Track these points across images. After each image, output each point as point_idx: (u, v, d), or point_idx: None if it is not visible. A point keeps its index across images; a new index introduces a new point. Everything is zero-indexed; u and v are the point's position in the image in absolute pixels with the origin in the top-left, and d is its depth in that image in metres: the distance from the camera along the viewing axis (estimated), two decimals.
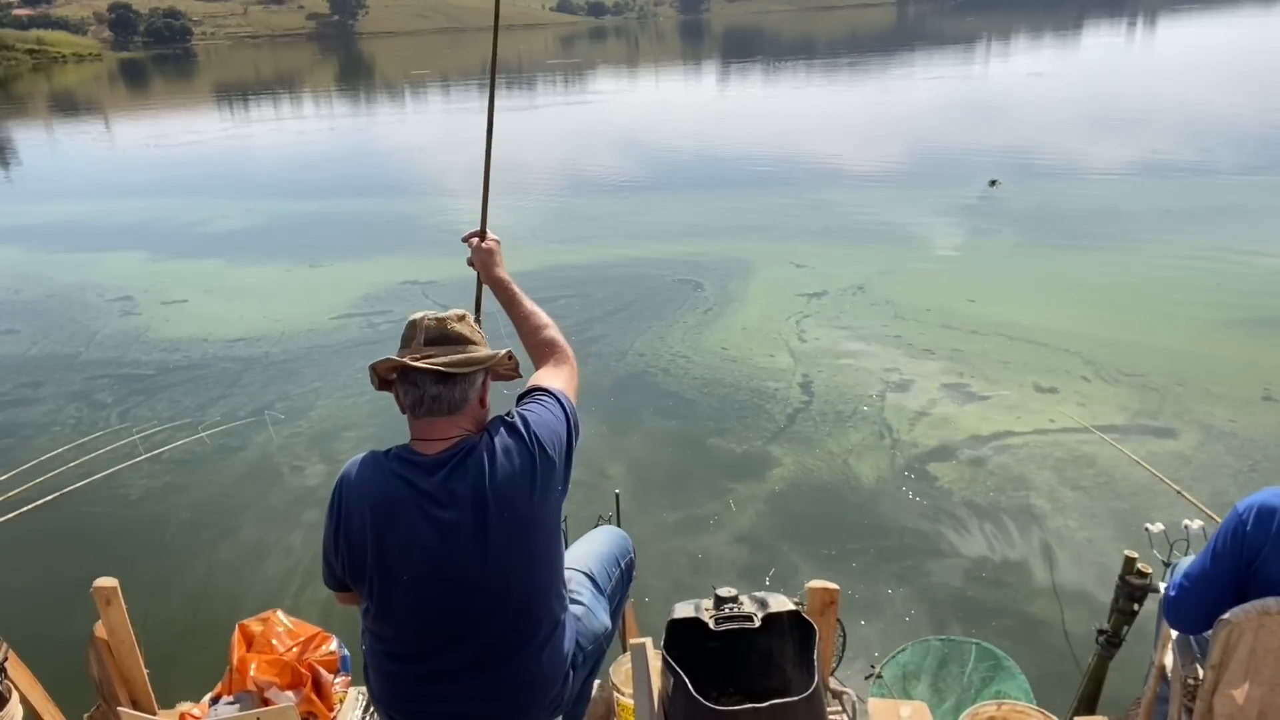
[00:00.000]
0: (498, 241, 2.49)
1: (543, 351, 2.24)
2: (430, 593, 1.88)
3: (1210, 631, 2.09)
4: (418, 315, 1.99)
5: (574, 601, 2.15)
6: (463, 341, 1.96)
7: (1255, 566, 2.03)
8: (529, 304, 2.32)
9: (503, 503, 1.85)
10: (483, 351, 1.96)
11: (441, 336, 1.95)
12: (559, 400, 2.05)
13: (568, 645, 2.06)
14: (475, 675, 1.94)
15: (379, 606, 1.93)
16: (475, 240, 2.51)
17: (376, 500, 1.88)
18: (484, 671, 1.94)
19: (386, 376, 1.97)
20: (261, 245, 11.94)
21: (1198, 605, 2.15)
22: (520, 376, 2.11)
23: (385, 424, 6.01)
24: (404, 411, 1.96)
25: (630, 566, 2.44)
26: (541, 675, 2.00)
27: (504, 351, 2.00)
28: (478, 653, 1.92)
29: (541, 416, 1.99)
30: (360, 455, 1.99)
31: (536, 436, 1.94)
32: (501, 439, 1.92)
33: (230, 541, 4.95)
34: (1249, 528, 2.03)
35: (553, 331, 2.26)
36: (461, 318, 2.01)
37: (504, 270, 2.41)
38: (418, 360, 1.88)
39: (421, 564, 1.86)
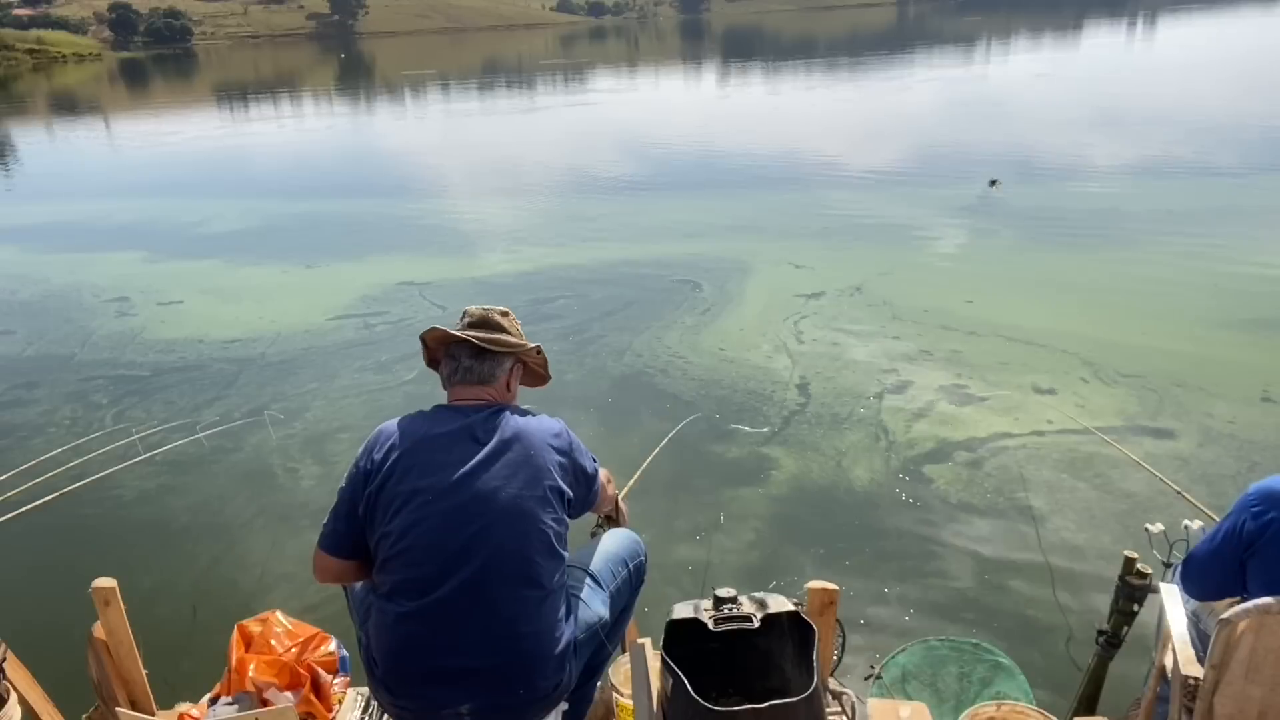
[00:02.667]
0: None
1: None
2: (449, 503, 1.99)
3: (1211, 620, 2.11)
4: (470, 306, 2.33)
5: (569, 594, 2.17)
6: (499, 329, 2.27)
7: (1251, 554, 2.08)
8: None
9: (528, 444, 2.07)
10: (512, 340, 2.26)
11: (482, 322, 2.27)
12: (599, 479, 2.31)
13: (565, 614, 2.10)
14: (483, 609, 1.97)
15: (397, 534, 2.00)
16: None
17: (417, 434, 2.10)
18: (487, 609, 1.97)
19: (435, 350, 2.30)
20: (258, 246, 11.92)
21: (1205, 579, 2.27)
22: (550, 378, 2.44)
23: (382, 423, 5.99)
24: (445, 387, 2.27)
25: (640, 569, 2.44)
26: (540, 627, 2.02)
27: (533, 345, 2.30)
28: (484, 572, 1.96)
29: (585, 454, 2.24)
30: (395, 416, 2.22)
31: (572, 440, 2.20)
32: (540, 417, 2.19)
33: (229, 542, 4.95)
34: (1250, 514, 2.09)
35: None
36: (505, 313, 2.31)
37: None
38: (458, 332, 2.22)
39: (446, 483, 2.00)
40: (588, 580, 2.29)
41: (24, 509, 3.29)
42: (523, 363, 2.32)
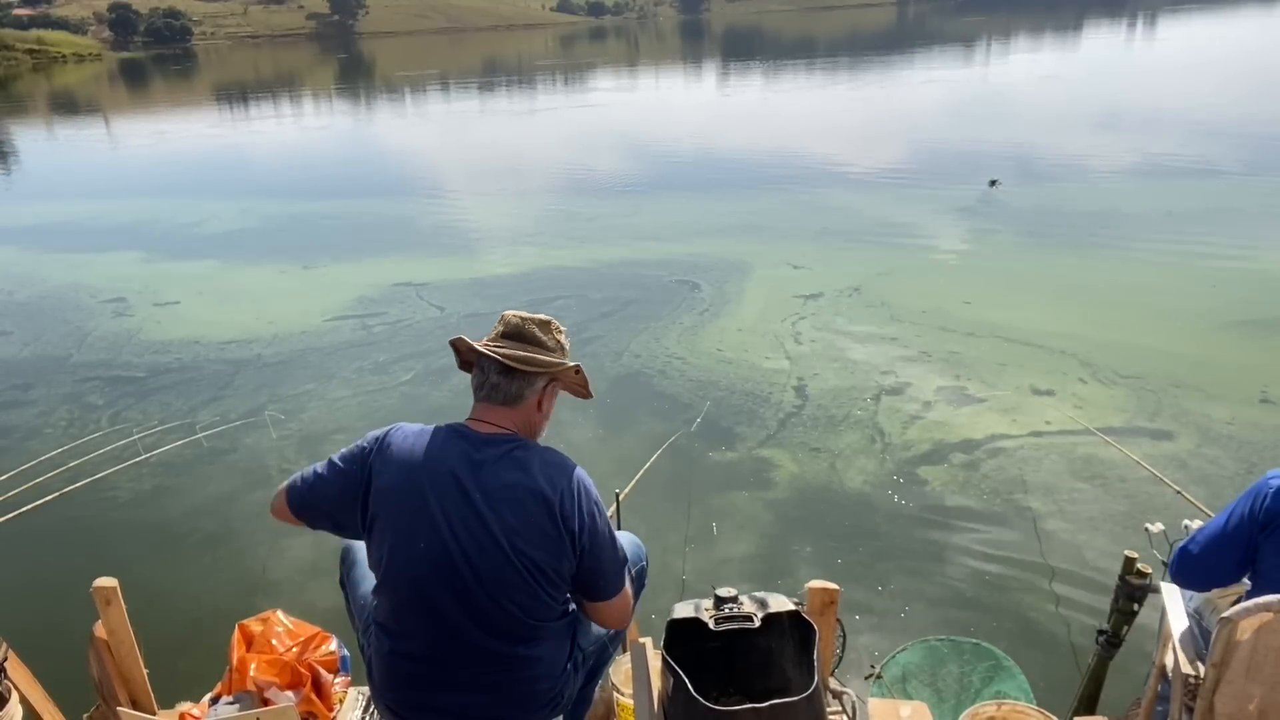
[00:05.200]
0: None
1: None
2: (436, 561, 1.89)
3: (1212, 618, 2.11)
4: (509, 311, 2.10)
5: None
6: (534, 342, 2.05)
7: (1269, 533, 2.07)
8: None
9: (529, 508, 1.90)
10: (546, 357, 2.03)
11: (516, 333, 2.06)
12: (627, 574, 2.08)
13: (567, 645, 2.08)
14: (470, 663, 1.96)
15: (385, 568, 1.96)
16: None
17: (421, 460, 1.94)
18: (479, 662, 1.96)
19: (467, 357, 2.09)
20: (255, 246, 11.92)
21: (1206, 564, 2.22)
22: (591, 397, 2.17)
23: (379, 424, 5.97)
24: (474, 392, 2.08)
25: (642, 574, 2.43)
26: (538, 673, 2.01)
27: (571, 364, 2.06)
28: (473, 630, 1.93)
29: (601, 514, 2.00)
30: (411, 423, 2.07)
31: (581, 509, 1.94)
32: (558, 470, 1.95)
33: (229, 541, 4.95)
34: (1271, 493, 2.08)
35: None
36: (545, 323, 2.08)
37: None
38: (486, 347, 2.02)
39: (437, 539, 1.89)
40: None
41: (25, 509, 3.29)
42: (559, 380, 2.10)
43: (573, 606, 2.13)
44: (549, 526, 1.91)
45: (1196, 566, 2.26)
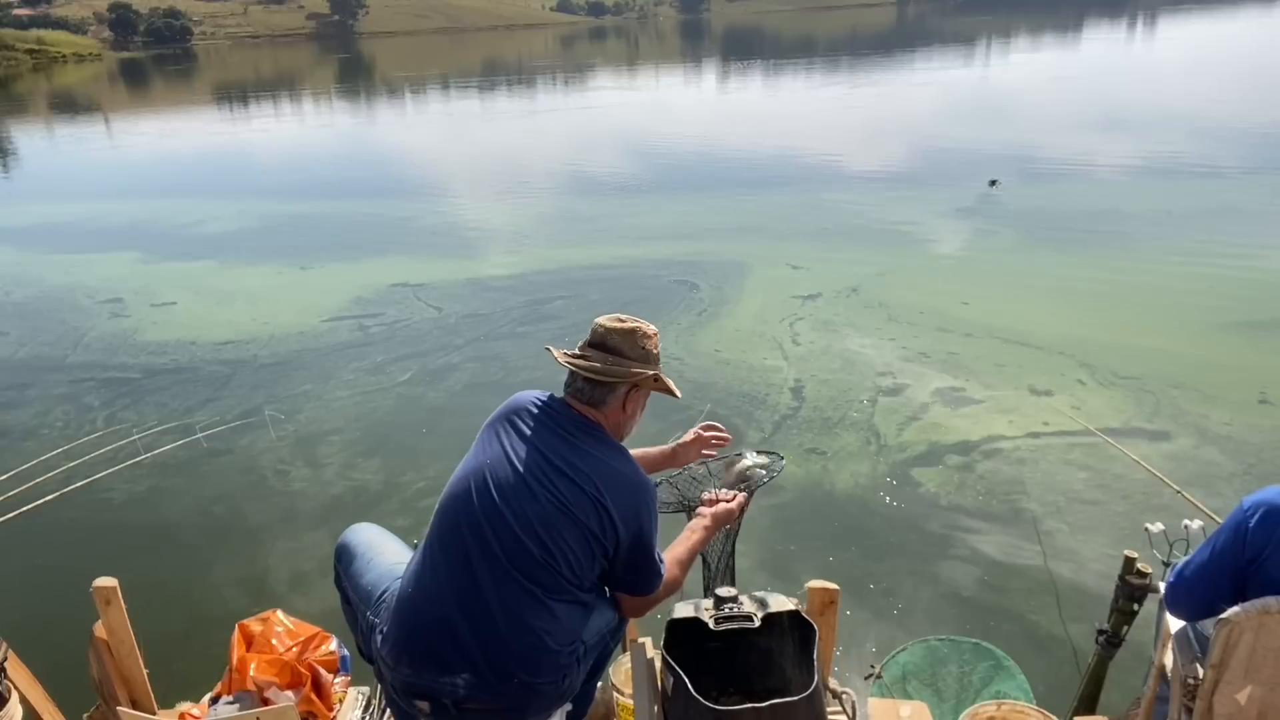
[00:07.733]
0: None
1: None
2: (497, 479, 2.05)
3: (1210, 621, 2.10)
4: (602, 317, 2.22)
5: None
6: (616, 353, 2.17)
7: (1257, 565, 2.03)
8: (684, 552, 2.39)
9: (589, 486, 2.04)
10: (625, 369, 2.15)
11: (600, 343, 2.18)
12: (660, 571, 2.21)
13: (579, 627, 2.10)
14: (493, 587, 2.00)
15: (452, 481, 2.13)
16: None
17: (518, 408, 2.17)
18: (500, 585, 2.00)
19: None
20: (253, 247, 11.91)
21: (1196, 596, 2.20)
22: (679, 396, 2.34)
23: (376, 425, 6.03)
24: None
25: None
26: (550, 628, 2.02)
27: (650, 374, 2.19)
28: (510, 564, 2.00)
29: (649, 526, 2.14)
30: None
31: (647, 510, 2.13)
32: (625, 467, 2.12)
33: (229, 541, 4.95)
34: (1252, 526, 2.03)
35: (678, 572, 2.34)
36: (629, 332, 2.18)
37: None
38: (570, 359, 2.17)
39: (508, 462, 2.06)
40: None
41: (27, 508, 3.29)
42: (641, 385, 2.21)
43: (585, 601, 2.15)
44: (594, 511, 2.03)
45: (1188, 599, 2.24)
